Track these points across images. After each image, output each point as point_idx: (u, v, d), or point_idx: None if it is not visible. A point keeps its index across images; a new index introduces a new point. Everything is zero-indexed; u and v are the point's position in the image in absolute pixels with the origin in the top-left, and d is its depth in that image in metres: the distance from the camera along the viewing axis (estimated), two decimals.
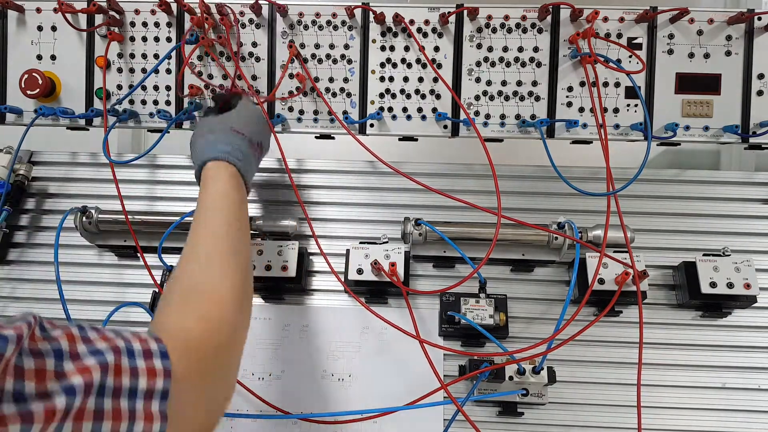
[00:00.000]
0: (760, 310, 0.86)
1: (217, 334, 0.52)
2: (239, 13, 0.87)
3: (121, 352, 0.41)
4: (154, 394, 0.42)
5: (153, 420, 0.41)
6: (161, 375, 0.43)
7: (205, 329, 0.52)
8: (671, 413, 0.83)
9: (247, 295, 0.60)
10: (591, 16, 0.83)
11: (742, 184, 0.94)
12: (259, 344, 0.86)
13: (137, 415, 0.40)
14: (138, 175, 0.98)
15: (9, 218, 0.92)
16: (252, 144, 0.72)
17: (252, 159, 0.73)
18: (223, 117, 0.74)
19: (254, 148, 0.73)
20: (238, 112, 0.75)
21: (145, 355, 0.43)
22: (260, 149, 0.76)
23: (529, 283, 0.89)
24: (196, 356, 0.49)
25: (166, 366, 0.43)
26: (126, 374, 0.40)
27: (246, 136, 0.71)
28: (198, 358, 0.49)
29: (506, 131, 0.87)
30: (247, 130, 0.72)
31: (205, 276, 0.57)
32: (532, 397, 0.78)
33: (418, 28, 0.87)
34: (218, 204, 0.63)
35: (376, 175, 0.96)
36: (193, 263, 0.59)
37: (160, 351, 0.44)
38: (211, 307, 0.54)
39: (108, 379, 0.39)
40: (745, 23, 0.84)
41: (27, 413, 0.32)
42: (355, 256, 0.84)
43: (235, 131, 0.70)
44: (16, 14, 0.89)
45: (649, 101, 0.86)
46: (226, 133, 0.70)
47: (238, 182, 0.68)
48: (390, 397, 0.83)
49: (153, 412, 0.42)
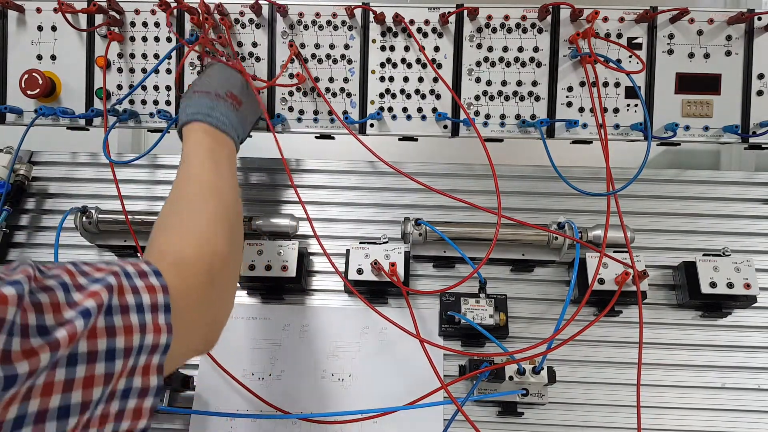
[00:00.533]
0: (760, 310, 0.86)
1: (207, 260, 0.54)
2: (239, 13, 0.87)
3: (120, 275, 0.43)
4: (158, 308, 0.45)
5: (161, 332, 0.44)
6: (160, 291, 0.45)
7: (198, 254, 0.54)
8: (671, 413, 0.83)
9: (233, 230, 0.61)
10: (591, 16, 0.83)
11: (742, 184, 0.94)
12: (259, 344, 0.86)
13: (147, 328, 0.43)
14: (138, 175, 0.98)
15: (9, 218, 0.92)
16: (219, 96, 0.73)
17: (224, 110, 0.73)
18: (191, 85, 0.79)
19: (222, 98, 0.74)
20: (200, 76, 0.79)
21: (141, 275, 0.45)
22: (233, 98, 0.75)
23: (529, 283, 0.89)
24: (186, 274, 0.52)
25: (162, 283, 0.46)
26: (129, 293, 0.42)
27: (210, 93, 0.73)
28: (188, 276, 0.52)
29: (506, 131, 0.87)
30: (207, 87, 0.74)
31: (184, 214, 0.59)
32: (532, 397, 0.78)
33: (418, 28, 0.87)
34: (191, 154, 0.67)
35: (376, 175, 0.96)
36: (171, 206, 0.61)
37: (153, 270, 0.46)
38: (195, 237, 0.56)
39: (114, 298, 0.41)
40: (745, 23, 0.84)
41: (54, 342, 0.35)
42: (355, 256, 0.84)
43: (197, 92, 0.73)
44: (16, 14, 0.89)
45: (649, 101, 0.86)
46: (191, 98, 0.73)
47: (210, 133, 0.70)
48: (390, 397, 0.83)
49: (160, 325, 0.44)
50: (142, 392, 0.42)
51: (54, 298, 0.37)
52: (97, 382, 0.38)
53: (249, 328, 0.87)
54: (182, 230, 0.57)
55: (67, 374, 0.36)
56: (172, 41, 0.89)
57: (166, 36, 0.89)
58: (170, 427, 0.83)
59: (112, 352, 0.39)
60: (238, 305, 0.88)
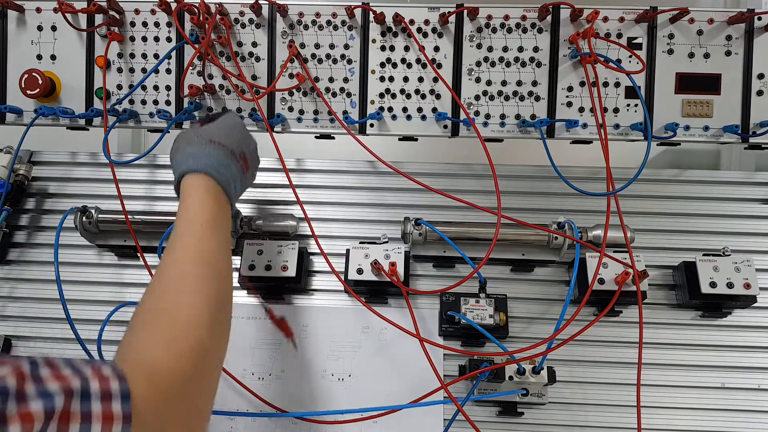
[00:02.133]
0: (760, 310, 0.86)
1: (184, 360, 0.49)
2: (239, 13, 0.87)
3: (74, 394, 0.38)
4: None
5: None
6: (119, 420, 0.40)
7: (172, 356, 0.49)
8: (671, 413, 0.83)
9: (221, 316, 0.56)
10: (591, 16, 0.83)
11: (742, 184, 0.94)
12: (259, 344, 0.86)
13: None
14: (138, 175, 0.98)
15: (9, 218, 0.92)
16: (234, 155, 0.68)
17: (235, 170, 0.68)
18: (202, 129, 0.70)
19: (236, 158, 0.68)
20: (217, 124, 0.71)
21: (103, 397, 0.40)
22: (245, 160, 0.70)
23: (529, 283, 0.89)
24: (161, 386, 0.46)
25: (125, 410, 0.41)
26: (75, 421, 0.37)
27: (227, 147, 0.67)
28: (163, 388, 0.46)
29: (506, 131, 0.87)
30: (227, 141, 0.68)
31: (174, 296, 0.54)
32: (532, 397, 0.78)
33: (418, 28, 0.87)
34: (194, 218, 0.60)
35: (376, 175, 0.96)
36: (162, 282, 0.55)
37: (121, 391, 0.41)
38: (178, 331, 0.51)
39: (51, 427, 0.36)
40: (745, 23, 0.84)
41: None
42: (355, 256, 0.84)
43: (213, 142, 0.66)
44: (16, 14, 0.89)
45: (649, 101, 0.86)
46: (205, 145, 0.66)
47: (217, 195, 0.64)
48: (390, 397, 0.83)
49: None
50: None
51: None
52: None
53: (249, 328, 0.87)
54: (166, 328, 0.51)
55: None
56: (172, 41, 0.89)
57: (166, 36, 0.89)
58: None
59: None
60: (238, 305, 0.88)
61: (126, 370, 0.43)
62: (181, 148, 0.67)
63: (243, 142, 0.71)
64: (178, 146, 0.68)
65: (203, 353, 0.51)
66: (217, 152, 0.65)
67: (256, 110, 0.87)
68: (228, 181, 0.65)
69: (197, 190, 0.62)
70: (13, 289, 0.92)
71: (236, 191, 0.69)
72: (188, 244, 0.58)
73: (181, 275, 0.55)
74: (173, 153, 0.69)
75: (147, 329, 0.51)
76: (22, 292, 0.92)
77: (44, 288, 0.91)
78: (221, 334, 0.56)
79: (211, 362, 0.54)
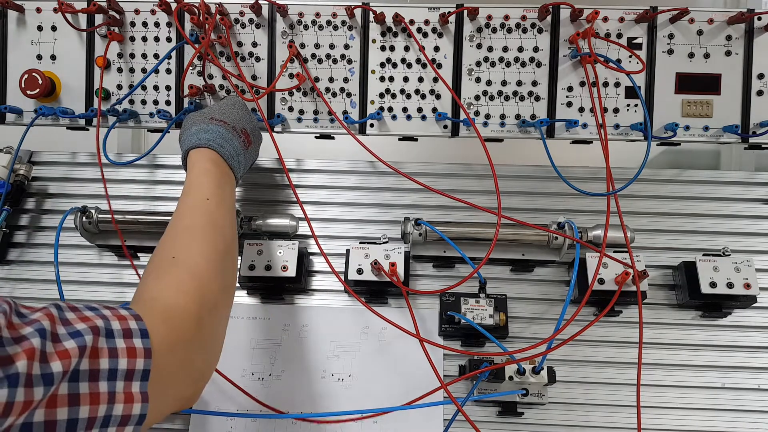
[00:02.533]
0: (760, 310, 0.86)
1: (195, 303, 0.52)
2: (239, 13, 0.87)
3: (100, 332, 0.40)
4: (135, 375, 0.41)
5: (134, 401, 0.41)
6: (141, 355, 0.42)
7: (183, 298, 0.52)
8: (671, 413, 0.83)
9: (226, 271, 0.60)
10: (591, 16, 0.83)
11: (742, 184, 0.94)
12: (259, 344, 0.86)
13: (117, 398, 0.40)
14: (138, 175, 0.98)
15: (9, 218, 0.92)
16: (235, 131, 0.74)
17: (236, 144, 0.73)
18: (205, 110, 0.79)
19: (237, 134, 0.74)
20: (219, 104, 0.79)
21: (125, 334, 0.42)
22: (246, 136, 0.77)
23: (529, 283, 0.89)
24: (175, 325, 0.49)
25: (146, 345, 0.43)
26: (104, 355, 0.39)
27: (228, 124, 0.74)
28: (177, 327, 0.49)
29: (506, 131, 0.87)
30: (227, 118, 0.75)
31: (183, 246, 0.58)
32: (532, 397, 0.78)
33: (418, 28, 0.87)
34: (197, 183, 0.65)
35: (376, 175, 0.96)
36: (171, 237, 0.59)
37: (140, 329, 0.44)
38: (188, 279, 0.54)
39: (84, 362, 0.38)
40: (745, 23, 0.84)
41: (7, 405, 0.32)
42: (355, 256, 0.84)
43: (214, 120, 0.73)
44: (16, 14, 0.89)
45: (649, 101, 0.86)
46: (206, 123, 0.72)
47: (218, 164, 0.69)
48: (390, 397, 0.83)
49: (134, 394, 0.41)
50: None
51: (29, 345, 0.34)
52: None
53: (249, 328, 0.87)
54: (176, 275, 0.55)
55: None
56: (172, 41, 0.89)
57: (166, 36, 0.89)
58: (170, 427, 0.83)
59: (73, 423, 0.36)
60: (239, 305, 0.88)
61: (141, 311, 0.46)
62: (186, 128, 0.74)
63: (243, 119, 0.78)
64: (184, 127, 0.76)
65: (212, 297, 0.55)
66: (218, 128, 0.72)
67: (256, 110, 0.87)
68: (231, 154, 0.71)
69: (201, 161, 0.68)
70: (13, 290, 0.92)
71: (239, 165, 0.74)
72: (194, 204, 0.63)
73: (188, 229, 0.60)
74: (180, 134, 0.77)
75: (158, 276, 0.55)
76: (22, 292, 0.92)
77: (44, 288, 0.91)
78: (228, 282, 0.61)
79: (219, 307, 0.57)
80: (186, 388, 0.52)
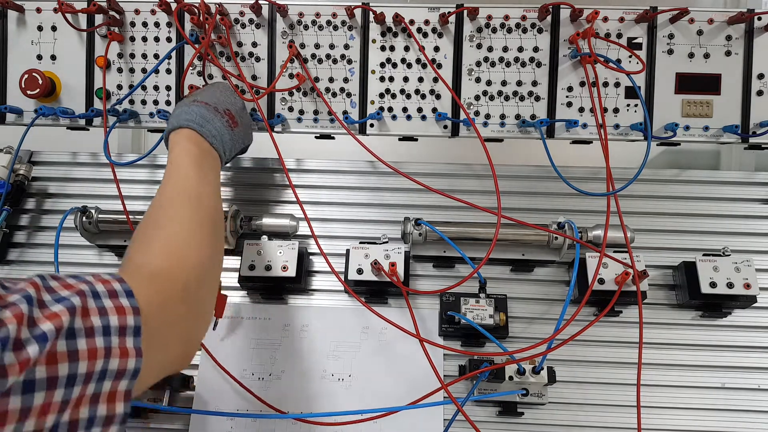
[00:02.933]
0: (760, 310, 0.86)
1: (181, 270, 0.54)
2: (239, 13, 0.87)
3: (86, 294, 0.41)
4: (127, 331, 0.42)
5: (128, 356, 0.42)
6: (130, 312, 0.43)
7: (169, 264, 0.53)
8: (671, 413, 0.83)
9: (212, 240, 0.61)
10: (591, 16, 0.83)
11: (742, 184, 0.94)
12: (259, 344, 0.86)
13: (112, 352, 0.40)
14: (138, 175, 0.98)
15: (9, 218, 0.92)
16: (217, 111, 0.74)
17: (218, 124, 0.73)
18: (190, 95, 0.79)
19: (220, 114, 0.74)
20: (204, 88, 0.80)
21: (111, 294, 0.43)
22: (231, 117, 0.76)
23: (529, 283, 0.89)
24: (161, 287, 0.50)
25: (133, 304, 0.44)
26: (95, 314, 0.40)
27: (209, 104, 0.74)
28: (163, 290, 0.50)
29: (506, 131, 0.88)
30: (209, 99, 0.75)
31: (166, 219, 0.59)
32: (532, 397, 0.78)
33: (418, 28, 0.87)
34: (177, 162, 0.66)
35: (376, 175, 0.96)
36: (155, 209, 0.61)
37: (125, 290, 0.44)
38: (172, 245, 0.56)
39: (77, 321, 0.39)
40: (745, 23, 0.84)
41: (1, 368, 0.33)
42: (355, 256, 0.84)
43: (197, 102, 0.73)
44: (16, 14, 0.89)
45: (649, 101, 0.86)
46: (188, 105, 0.73)
47: (199, 143, 0.70)
48: (390, 397, 0.83)
49: (128, 349, 0.42)
50: (107, 420, 0.40)
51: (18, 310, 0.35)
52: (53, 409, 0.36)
53: (249, 328, 0.87)
54: (160, 241, 0.56)
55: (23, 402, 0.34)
56: (172, 41, 0.89)
57: (166, 36, 0.89)
58: (170, 427, 0.82)
59: (73, 378, 0.37)
60: (239, 305, 0.88)
61: (126, 277, 0.47)
62: (171, 113, 0.75)
63: (226, 101, 0.78)
64: (172, 113, 0.76)
65: (197, 263, 0.56)
66: (198, 109, 0.72)
67: (256, 110, 0.87)
68: (212, 133, 0.71)
69: (180, 141, 0.69)
70: None
71: (224, 146, 0.74)
72: (176, 181, 0.64)
73: (171, 200, 0.62)
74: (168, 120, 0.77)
75: (142, 244, 0.56)
76: None
77: None
78: (215, 251, 0.62)
79: (207, 285, 0.59)
80: (176, 347, 0.53)
